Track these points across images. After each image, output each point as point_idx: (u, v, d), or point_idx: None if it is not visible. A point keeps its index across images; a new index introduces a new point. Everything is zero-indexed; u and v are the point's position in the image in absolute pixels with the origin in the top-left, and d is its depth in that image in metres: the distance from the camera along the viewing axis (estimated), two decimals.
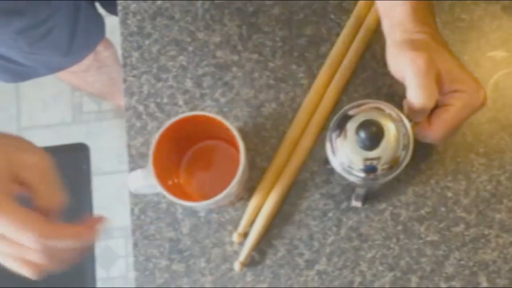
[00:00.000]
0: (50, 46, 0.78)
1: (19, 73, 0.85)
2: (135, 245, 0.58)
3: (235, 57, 0.61)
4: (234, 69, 0.61)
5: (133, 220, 0.58)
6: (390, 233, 0.57)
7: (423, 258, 0.56)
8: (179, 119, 0.53)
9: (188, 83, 0.61)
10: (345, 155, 0.47)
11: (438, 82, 0.46)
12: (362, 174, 0.47)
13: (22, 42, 0.74)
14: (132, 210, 0.59)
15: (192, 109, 0.60)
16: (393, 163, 0.47)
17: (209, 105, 0.60)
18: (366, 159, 0.46)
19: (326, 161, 0.50)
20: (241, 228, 0.57)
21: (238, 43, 0.61)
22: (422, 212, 0.57)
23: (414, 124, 0.48)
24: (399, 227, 0.57)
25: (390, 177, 0.48)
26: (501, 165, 0.57)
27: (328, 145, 0.48)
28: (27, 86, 1.42)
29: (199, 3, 0.62)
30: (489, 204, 0.57)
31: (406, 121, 0.47)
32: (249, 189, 0.58)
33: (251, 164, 0.58)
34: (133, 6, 0.63)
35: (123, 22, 0.62)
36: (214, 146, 0.58)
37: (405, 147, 0.47)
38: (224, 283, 0.57)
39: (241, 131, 0.58)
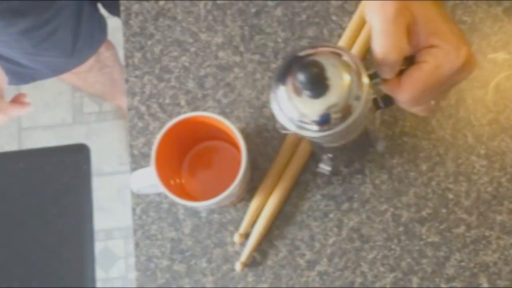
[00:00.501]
0: (54, 47, 0.79)
1: (23, 75, 0.85)
2: (137, 245, 0.58)
3: (237, 58, 0.61)
4: (236, 70, 0.61)
5: (135, 220, 0.59)
6: (391, 234, 0.57)
7: (424, 259, 0.56)
8: (181, 120, 0.53)
9: (190, 84, 0.61)
10: (294, 107, 0.40)
11: (413, 33, 0.40)
12: (316, 127, 0.40)
13: (26, 43, 0.74)
14: (133, 210, 0.59)
15: (194, 110, 0.60)
16: (345, 112, 0.40)
17: (211, 105, 0.60)
18: (318, 109, 0.40)
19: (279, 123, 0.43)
20: (242, 228, 0.57)
21: (240, 44, 0.61)
22: (423, 213, 0.57)
23: (384, 81, 0.43)
24: (400, 228, 0.57)
25: (344, 125, 0.40)
26: (502, 167, 0.57)
27: (273, 98, 0.41)
28: (28, 87, 1.41)
29: (201, 4, 0.62)
30: (490, 205, 0.57)
31: (363, 71, 0.41)
32: (250, 189, 0.58)
33: (253, 165, 0.58)
34: (135, 6, 0.63)
35: (126, 23, 0.63)
36: (216, 147, 0.59)
37: (357, 97, 0.40)
38: (225, 283, 0.57)
39: (242, 132, 0.58)
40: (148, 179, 0.53)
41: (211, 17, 0.62)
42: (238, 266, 0.56)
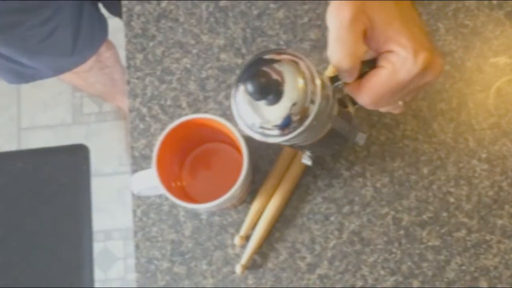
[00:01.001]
0: (54, 46, 0.78)
1: (23, 74, 0.85)
2: (137, 246, 0.58)
3: (239, 60, 0.61)
4: (238, 72, 0.61)
5: (135, 222, 0.58)
6: (392, 237, 0.57)
7: (424, 263, 0.56)
8: (182, 122, 0.53)
9: (192, 86, 0.61)
10: (254, 113, 0.39)
11: (371, 37, 0.40)
12: (276, 131, 0.40)
13: (26, 42, 0.74)
14: (134, 212, 0.59)
15: (195, 112, 0.60)
16: (302, 115, 0.39)
17: (212, 107, 0.60)
18: (274, 114, 0.39)
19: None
20: (243, 231, 0.57)
21: (242, 46, 0.61)
22: (424, 217, 0.57)
23: (345, 84, 0.42)
24: (401, 232, 0.57)
25: (301, 129, 0.40)
26: (503, 171, 0.57)
27: (233, 104, 0.41)
28: (27, 87, 1.42)
29: (203, 6, 0.62)
30: (491, 209, 0.57)
31: (316, 75, 0.39)
32: (251, 192, 0.58)
33: (254, 167, 0.58)
34: (137, 8, 0.63)
35: (128, 24, 0.62)
36: (217, 149, 0.59)
37: (312, 101, 0.39)
38: (225, 286, 0.57)
39: (244, 134, 0.58)
40: (149, 181, 0.52)
41: (213, 19, 0.62)
42: (238, 269, 0.56)
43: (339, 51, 0.39)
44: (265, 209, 0.57)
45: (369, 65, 0.41)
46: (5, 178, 1.39)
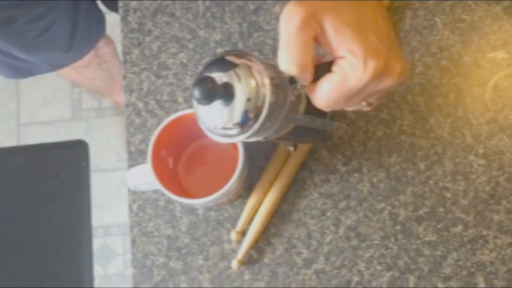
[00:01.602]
0: (51, 41, 0.78)
1: (22, 69, 0.85)
2: (133, 242, 0.58)
3: None
4: None
5: (132, 217, 0.58)
6: (389, 232, 0.57)
7: (421, 258, 0.56)
8: (178, 116, 0.53)
9: (188, 81, 0.61)
10: (214, 116, 0.40)
11: (325, 42, 0.39)
12: (237, 129, 0.40)
13: (23, 37, 0.74)
14: (130, 207, 0.59)
15: (191, 107, 0.60)
16: (257, 112, 0.39)
17: None
18: (227, 114, 0.39)
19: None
20: (239, 226, 0.57)
21: (238, 41, 0.61)
22: (421, 212, 0.57)
23: (303, 86, 0.42)
24: (398, 227, 0.57)
25: (258, 125, 0.39)
26: (500, 166, 0.57)
27: (194, 108, 0.41)
28: (27, 82, 1.42)
29: (200, 1, 0.62)
30: (487, 205, 0.57)
31: (265, 76, 0.39)
32: (247, 187, 0.58)
33: (250, 162, 0.58)
34: (133, 3, 0.62)
35: (124, 19, 0.62)
36: (213, 144, 0.58)
37: (263, 100, 0.39)
38: (221, 281, 0.57)
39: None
40: (144, 176, 0.52)
41: (209, 14, 0.62)
42: (234, 264, 0.56)
43: (287, 58, 0.38)
44: (261, 204, 0.57)
45: (325, 68, 0.41)
46: (4, 173, 1.39)
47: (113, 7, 0.88)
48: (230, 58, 0.39)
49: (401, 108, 0.59)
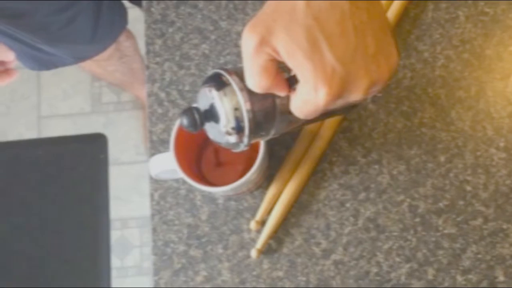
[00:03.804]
0: (74, 33, 0.79)
1: (45, 61, 0.86)
2: (154, 230, 0.59)
3: None
4: None
5: (153, 205, 0.59)
6: (408, 224, 0.57)
7: (440, 251, 0.56)
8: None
9: (210, 71, 0.61)
10: (214, 132, 0.43)
11: (286, 62, 0.38)
12: (235, 138, 0.42)
13: (48, 29, 0.75)
14: (151, 196, 0.59)
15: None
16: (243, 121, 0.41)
17: None
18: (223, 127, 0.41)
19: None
20: (258, 216, 0.57)
21: None
22: (440, 205, 0.57)
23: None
24: (417, 219, 0.57)
25: (247, 131, 0.41)
26: None
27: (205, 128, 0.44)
28: (47, 76, 1.44)
29: None
30: (508, 198, 0.56)
31: (238, 90, 0.40)
32: (267, 177, 0.58)
33: (270, 153, 0.59)
34: None
35: (147, 10, 0.63)
36: None
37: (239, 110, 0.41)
38: (240, 270, 0.57)
39: None
40: (167, 164, 0.53)
41: (231, 6, 0.62)
42: (253, 253, 0.57)
43: (248, 79, 0.38)
44: (281, 195, 0.58)
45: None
46: (24, 165, 1.41)
47: (136, 1, 0.89)
48: (225, 72, 0.41)
49: (422, 100, 0.59)
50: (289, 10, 0.36)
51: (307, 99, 0.37)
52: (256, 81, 0.38)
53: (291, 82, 0.40)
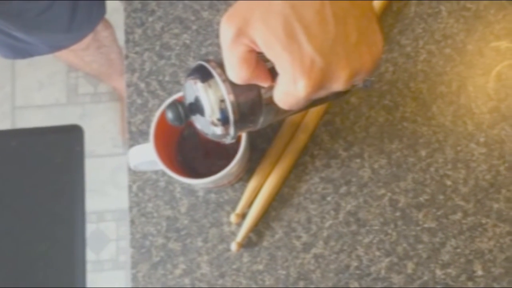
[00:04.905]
0: (51, 21, 0.78)
1: (20, 50, 0.84)
2: (132, 222, 0.58)
3: None
4: None
5: (131, 197, 0.58)
6: (388, 219, 0.57)
7: (420, 245, 0.56)
8: (180, 97, 0.53)
9: (191, 62, 0.60)
10: (202, 124, 0.42)
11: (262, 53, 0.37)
12: (221, 129, 0.41)
13: (23, 16, 0.73)
14: (130, 187, 0.58)
15: None
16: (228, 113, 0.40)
17: None
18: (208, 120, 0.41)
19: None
20: (239, 209, 0.57)
21: None
22: (421, 199, 0.57)
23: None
24: (397, 213, 0.57)
25: (232, 120, 0.41)
26: (501, 155, 0.57)
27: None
28: (22, 66, 1.40)
29: None
30: (487, 193, 0.57)
31: (220, 82, 0.39)
32: (248, 170, 0.58)
33: (252, 145, 0.58)
34: None
35: None
36: None
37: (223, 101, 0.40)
38: (220, 263, 0.57)
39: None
40: (146, 155, 0.52)
41: None
42: (233, 246, 0.56)
43: (228, 71, 0.38)
44: (262, 188, 0.57)
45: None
46: None
47: None
48: (208, 64, 0.40)
49: (404, 95, 0.59)
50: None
51: (287, 91, 0.36)
52: (236, 72, 0.37)
53: (275, 72, 0.39)
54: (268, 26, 0.35)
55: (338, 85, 0.36)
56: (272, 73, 0.39)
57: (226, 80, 0.39)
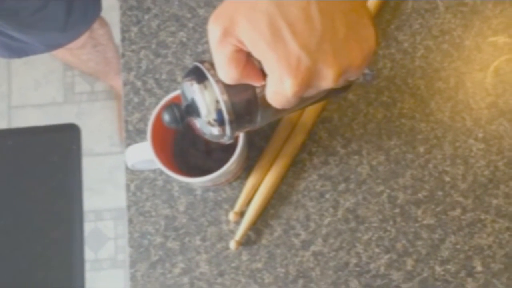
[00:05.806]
0: (47, 20, 0.77)
1: (16, 49, 0.83)
2: (130, 221, 0.57)
3: None
4: None
5: (129, 197, 0.58)
6: (387, 215, 0.57)
7: (419, 241, 0.56)
8: (177, 95, 0.53)
9: (188, 60, 0.60)
10: (201, 125, 0.42)
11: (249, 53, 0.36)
12: (218, 129, 0.41)
13: (23, 13, 0.73)
14: (127, 187, 0.58)
15: None
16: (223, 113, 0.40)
17: None
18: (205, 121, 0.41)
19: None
20: (237, 207, 0.57)
21: None
22: (420, 195, 0.57)
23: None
24: (396, 210, 0.57)
25: (227, 120, 0.40)
26: (500, 150, 0.57)
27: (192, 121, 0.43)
28: (18, 65, 1.40)
29: None
30: (486, 189, 0.57)
31: (214, 82, 0.39)
32: (246, 168, 0.57)
33: (249, 143, 0.58)
34: None
35: None
36: None
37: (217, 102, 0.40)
38: (219, 261, 0.56)
39: None
40: (144, 154, 0.52)
41: None
42: (232, 245, 0.56)
43: (218, 71, 0.37)
44: (260, 186, 0.57)
45: None
46: None
47: None
48: (202, 65, 0.40)
49: (402, 91, 0.59)
50: None
51: (276, 90, 0.36)
52: (225, 72, 0.37)
53: None
54: (253, 25, 0.34)
55: (326, 83, 0.36)
56: (264, 73, 0.39)
57: (220, 80, 0.39)
